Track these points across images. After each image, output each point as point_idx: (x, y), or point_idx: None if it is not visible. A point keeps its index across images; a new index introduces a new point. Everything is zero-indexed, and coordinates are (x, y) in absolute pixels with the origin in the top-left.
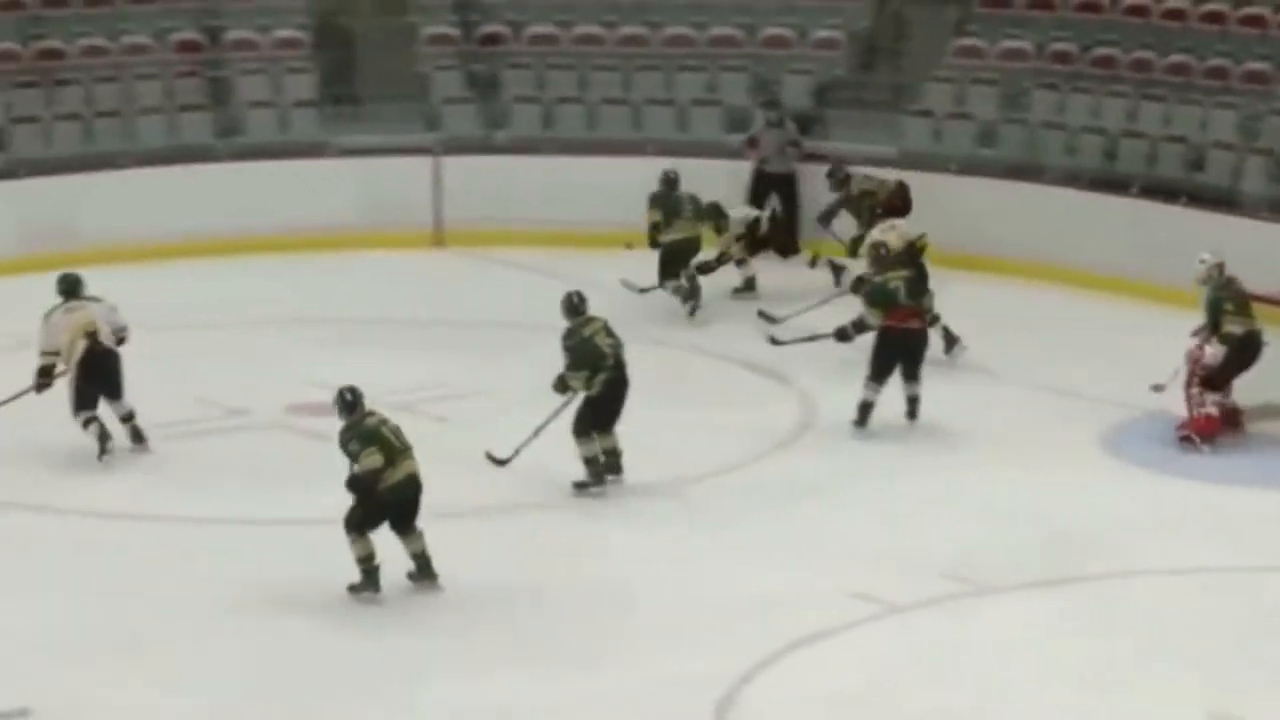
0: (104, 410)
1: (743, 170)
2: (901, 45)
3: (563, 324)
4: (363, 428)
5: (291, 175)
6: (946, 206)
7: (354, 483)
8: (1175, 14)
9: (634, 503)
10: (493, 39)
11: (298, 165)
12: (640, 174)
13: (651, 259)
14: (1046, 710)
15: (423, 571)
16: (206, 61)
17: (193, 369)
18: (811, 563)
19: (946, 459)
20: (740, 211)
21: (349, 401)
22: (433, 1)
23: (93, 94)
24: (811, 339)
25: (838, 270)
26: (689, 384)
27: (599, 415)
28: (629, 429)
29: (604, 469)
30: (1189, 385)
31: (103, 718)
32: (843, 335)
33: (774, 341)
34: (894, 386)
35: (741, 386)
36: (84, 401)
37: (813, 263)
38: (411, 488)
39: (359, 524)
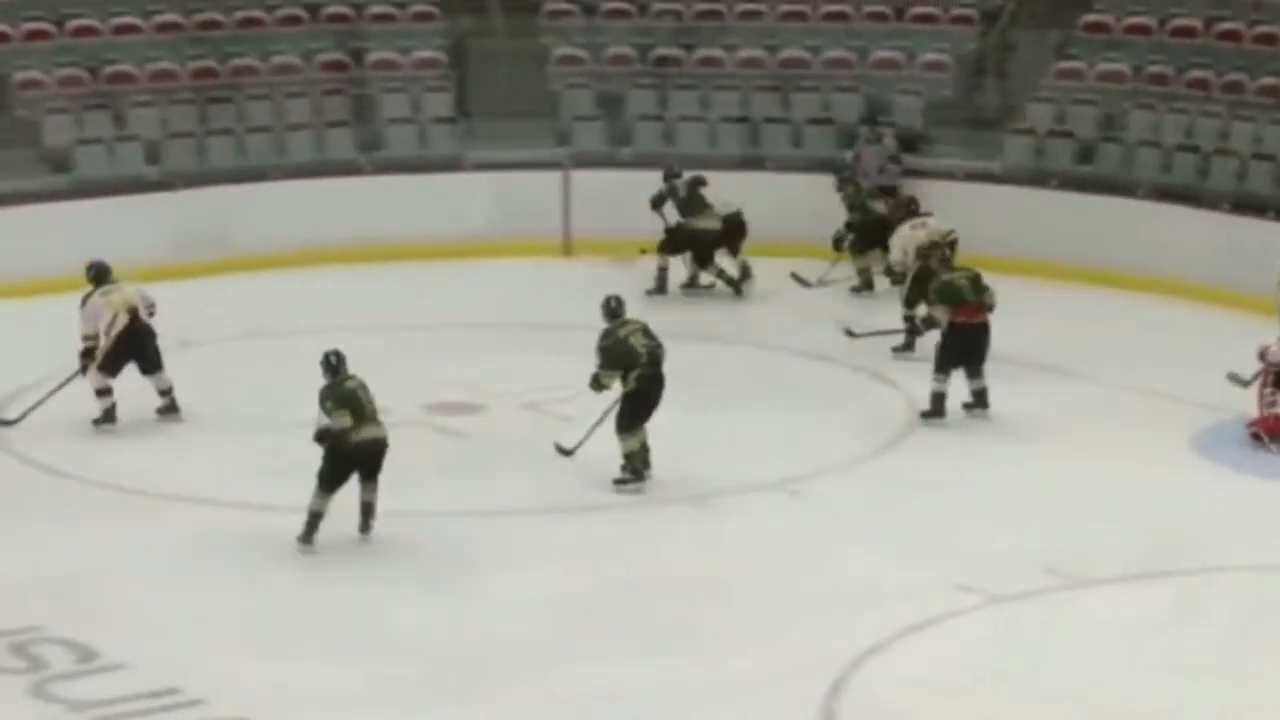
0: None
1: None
2: (1006, 67)
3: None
4: (341, 390)
5: (429, 188)
6: (1048, 220)
7: (321, 435)
8: (1266, 38)
9: (751, 499)
10: (619, 60)
11: (435, 179)
12: (758, 187)
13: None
14: (1140, 696)
15: (365, 519)
16: (351, 80)
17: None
18: (917, 556)
19: (1046, 459)
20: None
21: (332, 365)
22: (563, 24)
23: (245, 111)
24: (883, 333)
25: (742, 278)
26: (794, 384)
27: (638, 411)
28: (745, 428)
29: (642, 465)
30: (1264, 385)
31: (249, 694)
32: (913, 331)
33: (850, 334)
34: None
35: (847, 386)
36: (110, 369)
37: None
38: (376, 448)
39: (330, 480)
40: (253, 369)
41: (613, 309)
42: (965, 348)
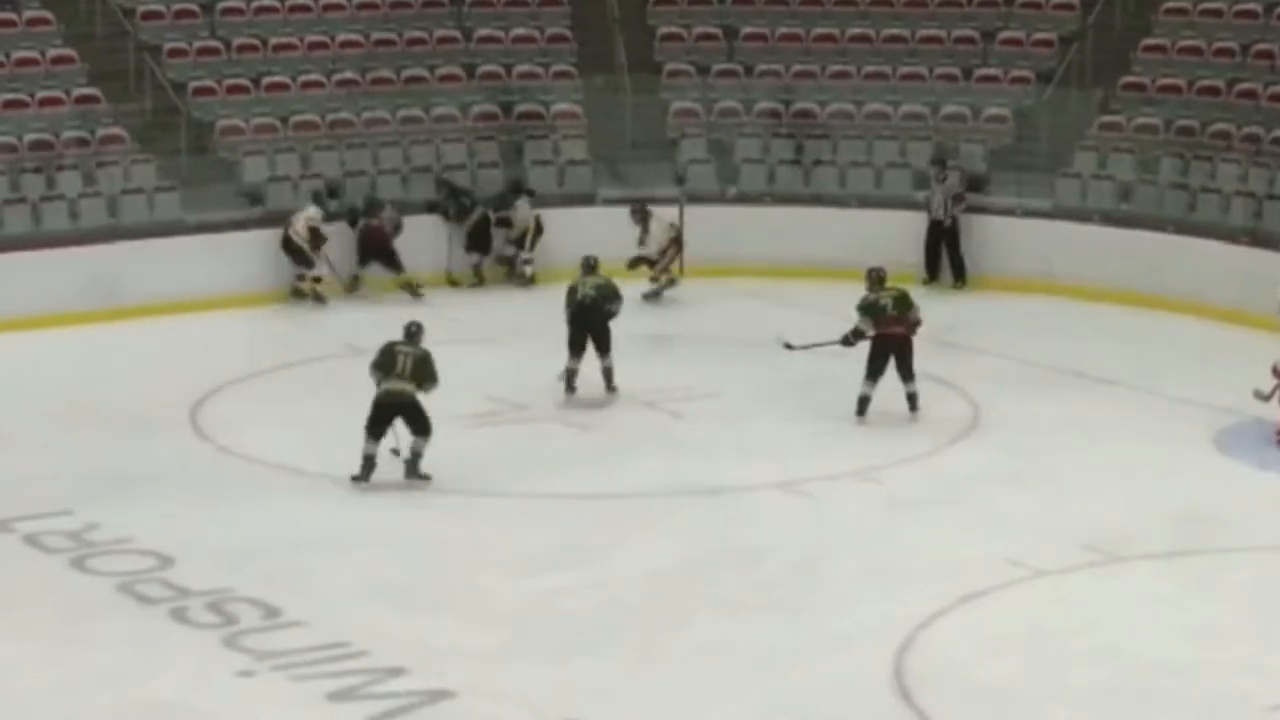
0: None
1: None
2: (1056, 120)
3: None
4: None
5: (567, 220)
6: (1090, 250)
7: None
8: (1279, 98)
9: (837, 486)
10: (728, 113)
11: (572, 212)
12: (845, 222)
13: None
14: (1167, 653)
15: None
16: (500, 129)
17: (484, 373)
18: (974, 535)
19: (1087, 454)
20: None
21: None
22: (681, 83)
23: (410, 154)
24: (820, 345)
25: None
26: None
27: (570, 339)
28: (831, 426)
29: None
30: None
31: (405, 648)
32: (845, 341)
33: (788, 347)
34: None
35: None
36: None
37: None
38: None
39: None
40: None
41: (588, 264)
42: (888, 356)
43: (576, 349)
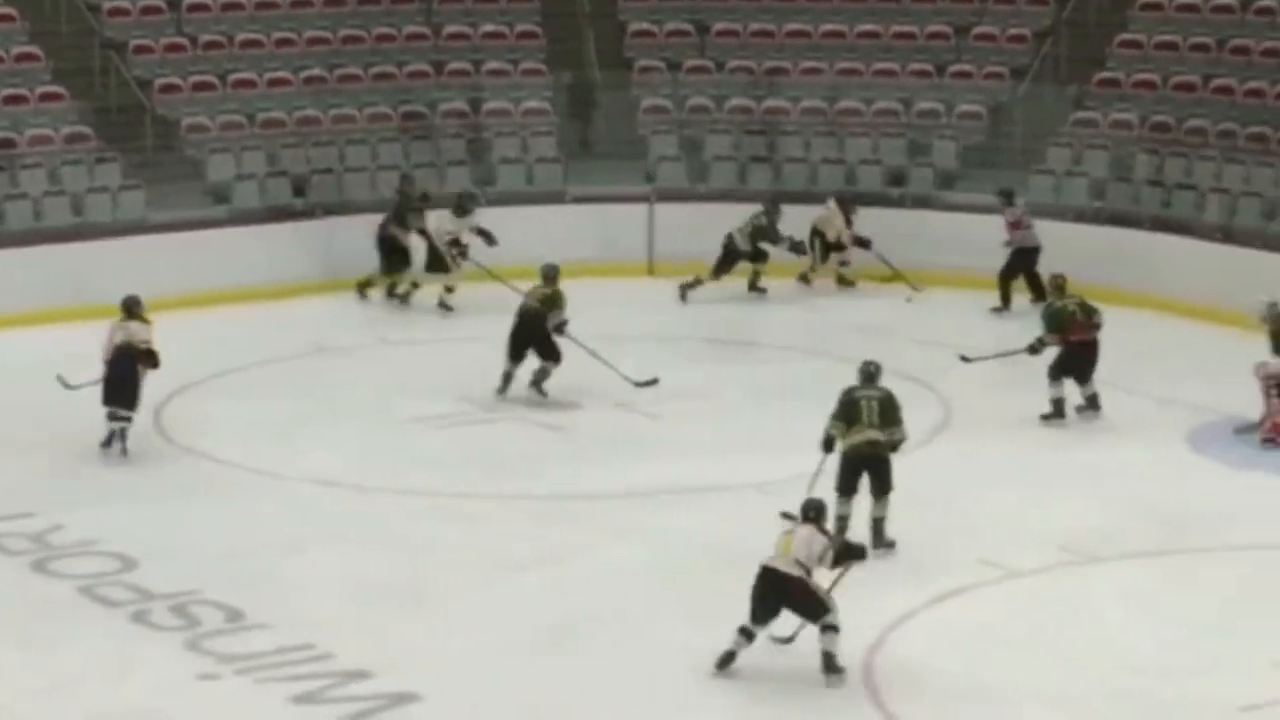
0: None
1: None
2: (1030, 116)
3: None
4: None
5: (536, 218)
6: (1063, 248)
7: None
8: (1255, 93)
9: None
10: (698, 110)
11: (541, 210)
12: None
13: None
14: (1142, 654)
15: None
16: (469, 126)
17: (454, 373)
18: (948, 535)
19: (1062, 452)
20: None
21: (870, 372)
22: (651, 79)
23: (378, 152)
24: (1003, 355)
25: None
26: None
27: (508, 346)
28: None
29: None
30: (1268, 396)
31: (372, 651)
32: (1033, 350)
33: (964, 359)
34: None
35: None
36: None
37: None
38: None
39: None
40: (377, 371)
41: (544, 273)
42: (1075, 361)
43: (512, 355)
